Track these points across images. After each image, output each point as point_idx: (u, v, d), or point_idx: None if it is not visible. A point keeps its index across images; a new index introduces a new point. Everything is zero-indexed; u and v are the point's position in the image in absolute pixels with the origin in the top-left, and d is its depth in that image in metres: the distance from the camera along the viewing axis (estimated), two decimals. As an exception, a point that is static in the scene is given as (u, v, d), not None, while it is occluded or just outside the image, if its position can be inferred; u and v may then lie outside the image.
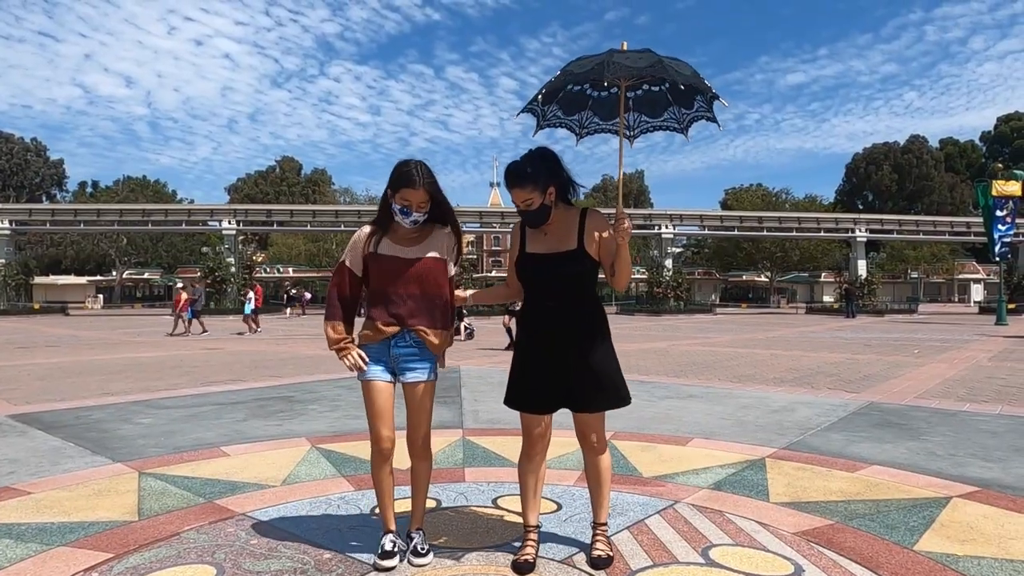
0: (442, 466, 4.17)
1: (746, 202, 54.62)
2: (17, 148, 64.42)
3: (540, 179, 2.53)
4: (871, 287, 40.40)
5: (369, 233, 2.70)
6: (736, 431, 5.26)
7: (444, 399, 6.82)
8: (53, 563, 2.66)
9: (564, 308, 2.59)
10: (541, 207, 2.56)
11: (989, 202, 24.59)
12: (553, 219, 2.62)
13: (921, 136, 71.35)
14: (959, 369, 9.71)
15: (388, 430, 2.69)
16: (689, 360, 11.03)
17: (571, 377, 2.57)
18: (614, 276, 2.62)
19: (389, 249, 2.65)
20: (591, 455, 2.70)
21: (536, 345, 2.62)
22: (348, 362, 2.65)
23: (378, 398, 2.66)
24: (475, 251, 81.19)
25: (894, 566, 2.63)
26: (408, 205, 2.59)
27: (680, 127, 2.82)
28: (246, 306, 20.04)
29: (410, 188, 2.57)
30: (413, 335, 2.66)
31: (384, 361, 2.68)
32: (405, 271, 2.63)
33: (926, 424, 5.54)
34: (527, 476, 2.72)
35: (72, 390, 7.58)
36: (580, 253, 2.59)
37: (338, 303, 2.70)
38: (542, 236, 2.65)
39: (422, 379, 2.70)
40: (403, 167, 2.61)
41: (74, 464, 4.25)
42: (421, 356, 2.69)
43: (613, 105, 2.77)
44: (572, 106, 2.85)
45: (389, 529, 2.72)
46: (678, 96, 2.74)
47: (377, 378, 2.67)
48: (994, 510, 3.32)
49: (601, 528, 2.73)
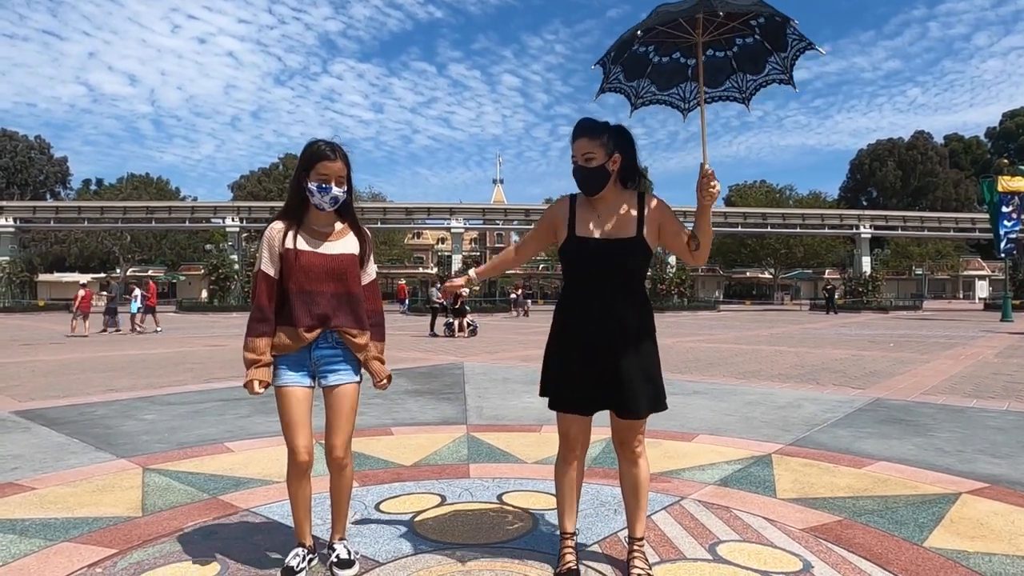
0: (447, 462, 4.16)
1: (750, 199, 54.49)
2: (21, 146, 64.51)
3: (610, 139, 2.37)
4: (875, 284, 40.27)
5: (283, 229, 2.48)
6: (742, 427, 5.23)
7: (448, 395, 6.81)
8: (57, 559, 2.65)
9: (615, 303, 2.38)
10: (600, 168, 2.35)
11: (995, 198, 24.44)
12: (608, 196, 2.42)
13: (925, 132, 71.03)
14: (965, 365, 9.66)
15: (306, 440, 2.44)
16: (694, 357, 10.99)
17: (619, 378, 2.36)
18: (696, 250, 2.35)
19: (308, 244, 2.47)
20: (630, 464, 2.49)
21: (581, 342, 2.40)
22: (257, 385, 2.38)
23: (295, 406, 2.43)
24: (478, 247, 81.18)
25: (904, 563, 2.60)
26: (326, 179, 2.43)
27: (742, 96, 2.59)
28: (132, 304, 18.78)
29: (326, 160, 2.43)
30: (335, 335, 2.49)
31: (304, 366, 2.48)
32: (326, 267, 2.46)
33: (933, 420, 5.50)
34: (565, 482, 2.51)
35: (76, 386, 7.58)
36: (639, 242, 2.38)
37: (271, 315, 2.45)
38: (594, 216, 2.42)
39: (346, 380, 2.51)
40: (313, 144, 2.48)
41: (78, 460, 4.24)
42: (344, 357, 2.52)
43: (673, 73, 2.59)
44: (633, 70, 2.62)
45: (302, 542, 2.52)
46: (746, 59, 2.52)
47: (294, 383, 2.45)
48: (1004, 506, 3.29)
49: (638, 543, 2.51)
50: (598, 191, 2.40)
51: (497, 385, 7.55)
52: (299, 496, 2.51)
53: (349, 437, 2.54)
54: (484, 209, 43.65)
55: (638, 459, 2.48)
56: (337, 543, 2.58)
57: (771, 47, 2.50)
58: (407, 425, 5.31)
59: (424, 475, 3.86)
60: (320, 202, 2.47)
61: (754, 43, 2.53)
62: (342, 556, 2.52)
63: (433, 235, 76.63)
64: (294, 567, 2.44)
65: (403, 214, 41.73)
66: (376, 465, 4.07)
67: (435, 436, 4.88)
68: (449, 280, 2.93)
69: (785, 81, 2.54)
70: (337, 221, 2.57)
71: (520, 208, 43.44)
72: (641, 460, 2.49)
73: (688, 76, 2.64)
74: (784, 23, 2.37)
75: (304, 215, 2.52)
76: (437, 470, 3.97)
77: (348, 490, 2.61)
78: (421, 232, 74.47)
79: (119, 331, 18.33)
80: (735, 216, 43.21)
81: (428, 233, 76.44)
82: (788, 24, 2.37)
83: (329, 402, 2.52)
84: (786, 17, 2.32)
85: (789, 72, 2.53)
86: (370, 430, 4.95)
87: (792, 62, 2.51)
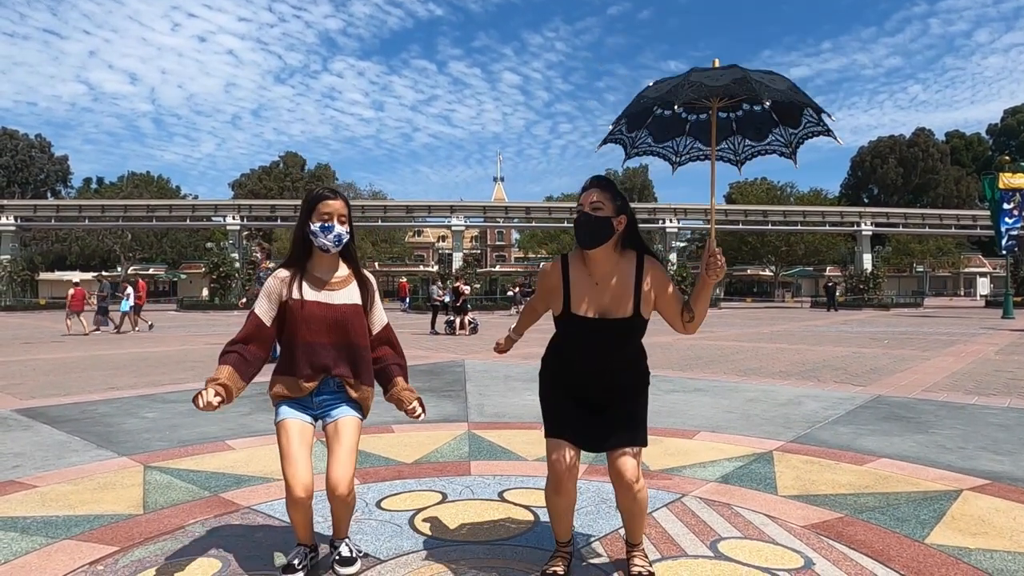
0: (448, 460, 4.16)
1: (751, 196, 54.41)
2: (22, 145, 64.53)
3: (619, 200, 2.35)
4: (876, 281, 40.23)
5: (287, 278, 2.49)
6: (743, 424, 5.23)
7: (448, 393, 6.81)
8: (58, 556, 2.65)
9: (609, 367, 2.37)
10: (606, 221, 2.30)
11: (996, 195, 24.40)
12: (607, 261, 2.36)
13: (927, 129, 70.86)
14: (966, 362, 9.65)
15: (305, 477, 2.37)
16: (694, 354, 10.99)
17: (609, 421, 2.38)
18: (690, 322, 2.37)
19: (311, 294, 2.47)
20: (626, 497, 2.41)
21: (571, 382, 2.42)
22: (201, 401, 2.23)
23: (293, 441, 2.40)
24: (479, 246, 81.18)
25: (906, 559, 2.60)
26: (328, 218, 2.44)
27: (788, 151, 2.47)
28: (123, 303, 18.04)
29: (327, 200, 2.46)
30: (336, 381, 2.49)
31: (307, 408, 2.50)
32: (329, 318, 2.45)
33: (934, 417, 5.50)
34: (558, 507, 2.45)
35: (77, 385, 7.59)
36: (635, 320, 2.35)
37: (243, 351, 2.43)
38: (590, 285, 2.36)
39: (346, 415, 2.49)
40: (312, 191, 2.53)
41: (79, 458, 4.24)
42: (345, 399, 2.51)
43: (671, 126, 2.55)
44: (666, 131, 2.57)
45: (302, 542, 2.52)
46: (783, 114, 2.40)
47: (295, 418, 2.45)
48: (1006, 503, 3.28)
49: (636, 547, 2.52)
50: (598, 244, 2.32)
51: (498, 383, 7.55)
52: (297, 520, 2.49)
53: (352, 472, 2.43)
54: (485, 207, 43.62)
55: (635, 493, 2.38)
56: (337, 541, 2.58)
57: (779, 120, 2.43)
58: (408, 423, 5.31)
59: (425, 473, 3.86)
60: (324, 242, 2.46)
61: (762, 112, 2.45)
62: (344, 554, 2.52)
63: (434, 233, 76.66)
64: (295, 565, 2.44)
65: (404, 212, 41.71)
66: (377, 463, 4.07)
67: (436, 434, 4.88)
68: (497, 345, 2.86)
69: (786, 155, 2.47)
70: (340, 267, 2.56)
71: (520, 206, 43.42)
72: (639, 494, 2.39)
73: (685, 131, 2.59)
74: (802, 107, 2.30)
75: (307, 262, 2.52)
76: (438, 468, 3.97)
77: (351, 512, 2.59)
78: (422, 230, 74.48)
79: (107, 330, 18.13)
80: (736, 213, 43.17)
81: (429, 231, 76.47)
82: (807, 108, 2.31)
83: (330, 436, 2.48)
84: (820, 109, 2.26)
85: (793, 148, 2.45)
86: (372, 428, 4.95)
87: (800, 142, 2.43)
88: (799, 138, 2.43)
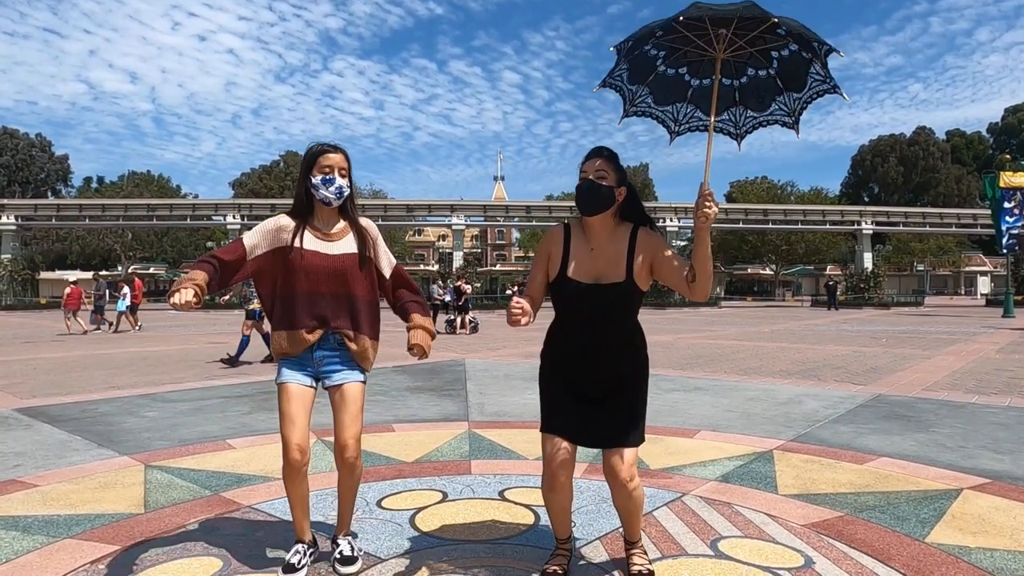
0: (448, 459, 4.16)
1: (751, 195, 54.35)
2: (22, 144, 64.52)
3: (621, 171, 2.36)
4: (877, 280, 40.21)
5: (291, 226, 2.51)
6: (743, 423, 5.23)
7: (449, 392, 6.82)
8: (60, 555, 2.65)
9: (605, 343, 2.35)
10: (609, 189, 2.32)
11: (997, 194, 24.40)
12: (605, 229, 2.38)
13: (927, 128, 70.75)
14: (967, 361, 9.65)
15: (300, 439, 2.41)
16: (695, 353, 10.99)
17: (607, 413, 2.36)
18: (694, 283, 2.26)
19: (311, 245, 2.49)
20: (621, 496, 2.39)
21: (569, 373, 2.40)
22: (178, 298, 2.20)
23: (292, 402, 2.43)
24: (479, 244, 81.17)
25: (906, 558, 2.60)
26: (329, 170, 2.47)
27: (791, 119, 2.43)
28: (120, 302, 18.02)
29: (327, 153, 2.49)
30: (336, 337, 2.50)
31: (306, 366, 2.50)
32: (328, 268, 2.47)
33: (935, 416, 5.50)
34: (552, 503, 2.45)
35: (78, 384, 7.59)
36: (628, 285, 2.34)
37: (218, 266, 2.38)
38: (587, 252, 2.38)
39: (351, 380, 2.51)
40: (312, 146, 2.54)
41: (80, 457, 4.25)
42: (345, 358, 2.52)
43: (672, 89, 2.49)
44: (667, 94, 2.51)
45: (301, 539, 2.53)
46: (789, 76, 2.36)
47: (295, 381, 2.46)
48: (1006, 502, 3.29)
49: (634, 545, 2.52)
50: (599, 211, 2.35)
51: (498, 382, 7.55)
52: (295, 495, 2.50)
53: (359, 434, 2.50)
54: (485, 206, 43.61)
55: (630, 491, 2.36)
56: (341, 539, 2.58)
57: (783, 86, 2.40)
58: (409, 422, 5.31)
59: (426, 472, 3.86)
60: (326, 194, 2.49)
61: (767, 78, 2.42)
62: (345, 552, 2.52)
63: (434, 232, 76.62)
64: (295, 564, 2.44)
65: (404, 211, 41.72)
66: (378, 462, 4.07)
67: (437, 433, 4.88)
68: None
69: (789, 125, 2.44)
70: (339, 221, 2.58)
71: (521, 205, 43.39)
72: (634, 492, 2.37)
73: (687, 98, 2.54)
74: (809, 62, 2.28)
75: (309, 214, 2.54)
76: (439, 467, 3.98)
77: (356, 488, 2.61)
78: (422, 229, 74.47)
79: (101, 329, 18.10)
80: (736, 212, 43.13)
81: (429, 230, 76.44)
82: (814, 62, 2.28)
83: (335, 401, 2.51)
84: (832, 48, 2.21)
85: (796, 117, 2.42)
86: (372, 427, 4.95)
87: (804, 106, 2.39)
88: (803, 102, 2.40)
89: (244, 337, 9.61)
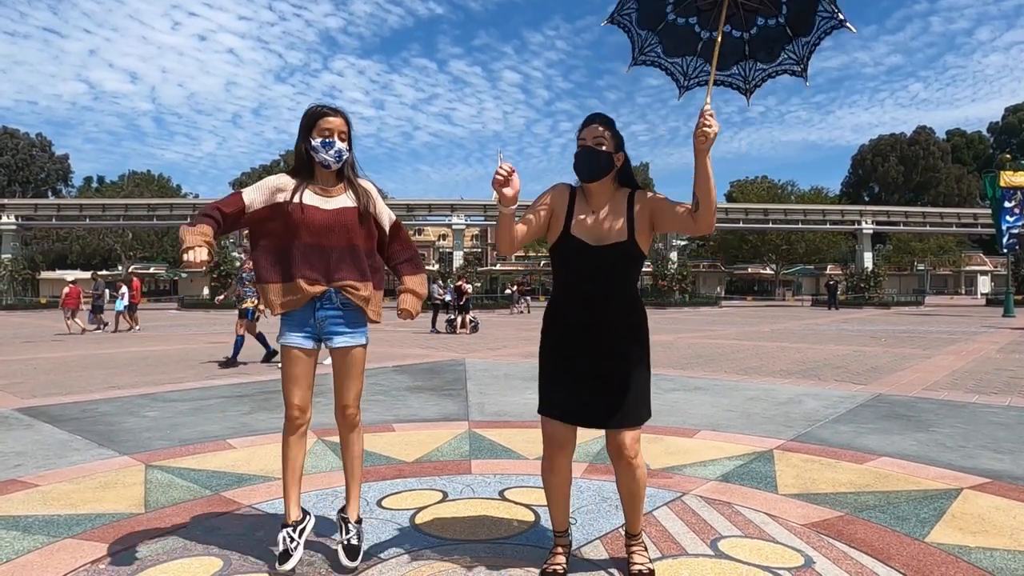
0: (448, 458, 4.16)
1: (751, 194, 54.34)
2: (23, 144, 64.53)
3: (618, 137, 2.38)
4: (877, 279, 40.21)
5: (291, 184, 2.53)
6: (743, 423, 5.23)
7: (449, 391, 6.82)
8: (60, 555, 2.65)
9: (605, 310, 2.34)
10: (608, 155, 2.35)
11: (997, 193, 24.41)
12: (605, 193, 2.40)
13: (928, 127, 70.75)
14: (967, 361, 9.65)
15: (302, 399, 2.50)
16: (695, 353, 10.99)
17: (609, 391, 2.33)
18: (696, 211, 2.22)
19: (311, 200, 2.52)
20: (624, 475, 2.40)
21: (570, 350, 2.37)
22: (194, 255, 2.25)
23: (295, 364, 2.50)
24: (480, 244, 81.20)
25: (905, 558, 2.60)
26: (329, 134, 2.50)
27: (800, 67, 2.45)
28: (118, 302, 18.01)
29: (327, 117, 2.51)
30: (340, 295, 2.52)
31: (308, 325, 2.52)
32: (328, 222, 2.49)
33: (935, 416, 5.50)
34: (552, 486, 2.48)
35: (78, 384, 7.60)
36: (631, 245, 2.34)
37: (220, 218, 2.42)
38: (589, 214, 2.39)
39: (352, 343, 2.54)
40: (311, 107, 2.56)
41: (81, 457, 4.25)
42: (350, 319, 2.54)
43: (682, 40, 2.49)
44: (676, 44, 2.50)
45: (289, 521, 2.53)
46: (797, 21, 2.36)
47: (298, 344, 2.50)
48: (1006, 502, 3.29)
49: (635, 539, 2.51)
50: (599, 177, 2.37)
51: (499, 381, 7.55)
52: (291, 459, 2.55)
53: (358, 394, 2.57)
54: (485, 205, 43.55)
55: (634, 470, 2.38)
56: (353, 526, 2.60)
57: (792, 33, 2.43)
58: (409, 421, 5.31)
59: (426, 471, 3.87)
60: (324, 158, 2.51)
61: (776, 27, 2.46)
62: (353, 542, 2.54)
63: (435, 232, 76.64)
64: (288, 550, 2.46)
65: (404, 211, 41.67)
66: (378, 461, 4.07)
67: (437, 432, 4.88)
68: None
69: (798, 73, 2.47)
70: (339, 183, 2.62)
71: (521, 204, 43.24)
72: (637, 471, 2.39)
73: (696, 52, 2.56)
74: None
75: (309, 176, 2.56)
76: (439, 466, 3.98)
77: (360, 454, 2.66)
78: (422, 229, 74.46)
79: (102, 329, 18.12)
80: (736, 212, 43.12)
81: (429, 230, 76.44)
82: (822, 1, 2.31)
83: (336, 364, 2.56)
84: None
85: (804, 63, 2.45)
86: (372, 427, 4.95)
87: (812, 49, 2.41)
88: (811, 46, 2.41)
89: (239, 337, 9.61)
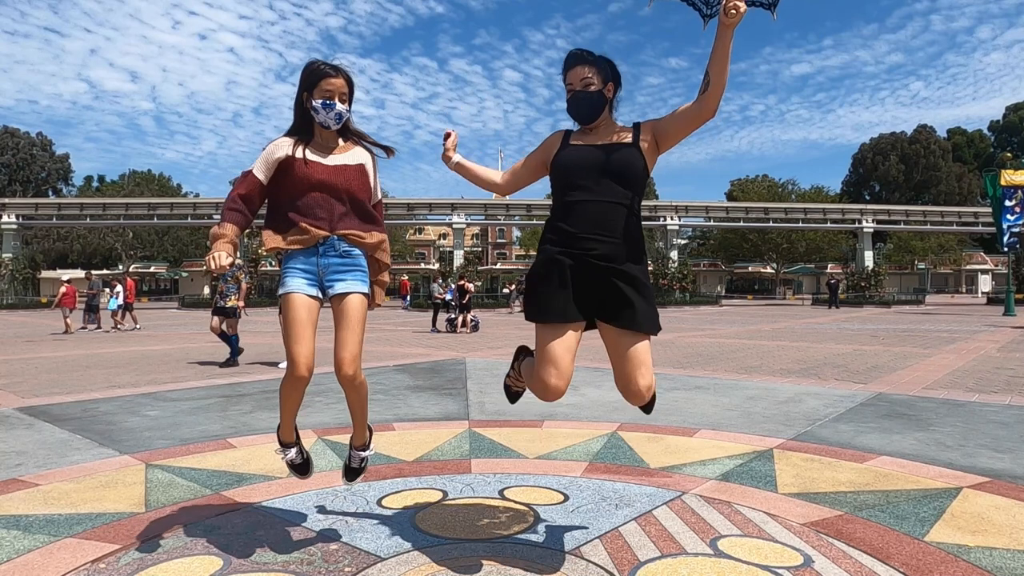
0: (448, 458, 4.16)
1: (752, 193, 54.37)
2: (23, 143, 64.57)
3: (603, 66, 2.35)
4: (878, 278, 40.21)
5: (291, 142, 2.54)
6: (743, 422, 5.23)
7: (449, 391, 6.82)
8: (61, 554, 2.66)
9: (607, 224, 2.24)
10: (599, 94, 2.32)
11: (998, 192, 24.39)
12: (603, 126, 2.37)
13: (928, 126, 70.74)
14: (967, 360, 9.65)
15: (306, 352, 2.43)
16: (695, 351, 10.99)
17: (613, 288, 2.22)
18: (706, 90, 2.16)
19: (314, 157, 2.53)
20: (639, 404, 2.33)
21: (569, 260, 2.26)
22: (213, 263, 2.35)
23: (298, 313, 2.43)
24: (480, 243, 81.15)
25: (905, 557, 2.60)
26: (330, 95, 2.50)
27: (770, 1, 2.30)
28: (111, 301, 18.35)
29: (328, 78, 2.50)
30: (343, 243, 2.52)
31: (311, 273, 2.51)
32: (332, 177, 2.51)
33: (935, 415, 5.50)
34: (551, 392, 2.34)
35: (79, 383, 7.60)
36: (632, 153, 2.30)
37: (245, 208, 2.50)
38: (587, 133, 2.38)
39: (353, 290, 2.51)
40: (313, 63, 2.54)
41: (81, 456, 4.26)
42: (352, 267, 2.54)
43: None
44: None
45: (291, 440, 2.69)
46: None
47: (300, 291, 2.47)
48: (1006, 501, 3.29)
49: None
50: (596, 118, 2.37)
51: (499, 380, 7.55)
52: (289, 400, 2.59)
53: (358, 351, 2.50)
54: (486, 205, 43.58)
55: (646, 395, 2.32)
56: (355, 451, 2.72)
57: None
58: (409, 421, 5.32)
59: (426, 470, 3.87)
60: (325, 119, 2.52)
61: None
62: (352, 465, 2.71)
63: (435, 231, 76.63)
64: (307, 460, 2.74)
65: (405, 210, 41.69)
66: (378, 460, 4.07)
67: (437, 432, 4.88)
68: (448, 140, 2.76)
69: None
70: (339, 142, 2.63)
71: (522, 203, 43.36)
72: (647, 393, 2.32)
73: None
74: None
75: (308, 136, 2.57)
76: (439, 465, 3.98)
77: (365, 401, 2.69)
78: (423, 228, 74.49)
79: (99, 328, 18.10)
80: (737, 210, 43.13)
81: (430, 229, 76.45)
82: None
83: (336, 313, 2.53)
84: None
85: None
86: (372, 426, 4.95)
87: None
88: None
89: (233, 336, 9.61)
